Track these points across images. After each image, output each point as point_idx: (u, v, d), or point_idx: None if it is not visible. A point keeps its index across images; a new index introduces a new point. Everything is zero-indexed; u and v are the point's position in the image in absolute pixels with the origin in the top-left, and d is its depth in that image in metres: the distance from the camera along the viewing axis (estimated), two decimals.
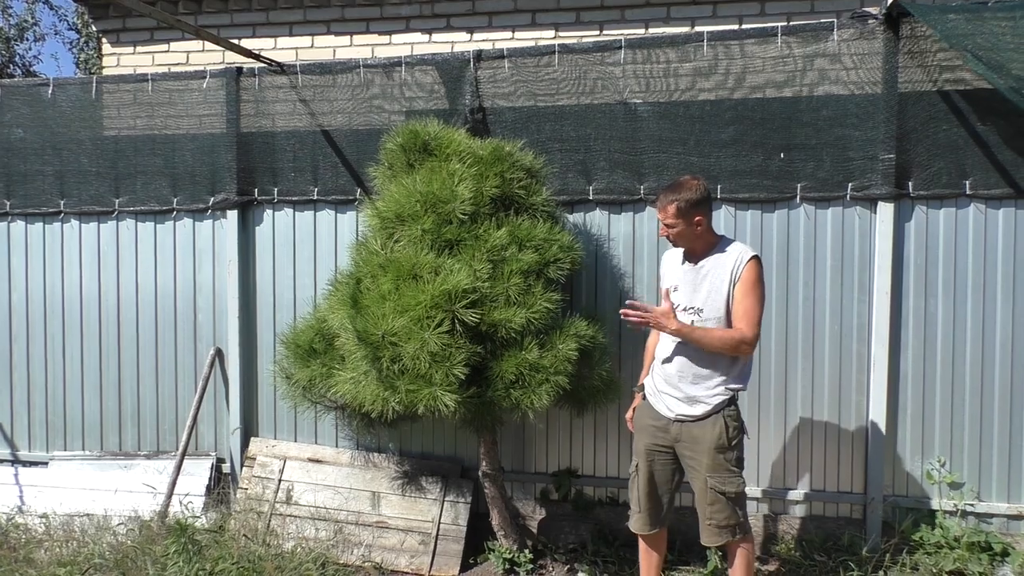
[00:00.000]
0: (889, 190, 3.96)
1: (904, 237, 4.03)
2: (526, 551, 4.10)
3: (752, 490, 4.15)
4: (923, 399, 4.04)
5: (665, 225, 3.24)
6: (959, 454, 4.02)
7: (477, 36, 5.27)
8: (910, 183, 3.98)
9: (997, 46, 3.63)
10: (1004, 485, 3.98)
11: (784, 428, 4.18)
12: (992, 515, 3.98)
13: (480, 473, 4.05)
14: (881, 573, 3.75)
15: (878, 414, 4.02)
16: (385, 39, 5.41)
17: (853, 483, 4.13)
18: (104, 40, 5.83)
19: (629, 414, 3.59)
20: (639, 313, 3.16)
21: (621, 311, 3.18)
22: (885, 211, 3.99)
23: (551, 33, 5.23)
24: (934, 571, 3.72)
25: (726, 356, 3.19)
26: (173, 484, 4.41)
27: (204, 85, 4.66)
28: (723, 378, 3.22)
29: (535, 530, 4.37)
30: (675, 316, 3.21)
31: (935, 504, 4.01)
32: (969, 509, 3.97)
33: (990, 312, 3.96)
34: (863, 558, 3.85)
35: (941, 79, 3.92)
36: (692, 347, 3.22)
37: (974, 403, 3.99)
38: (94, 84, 4.78)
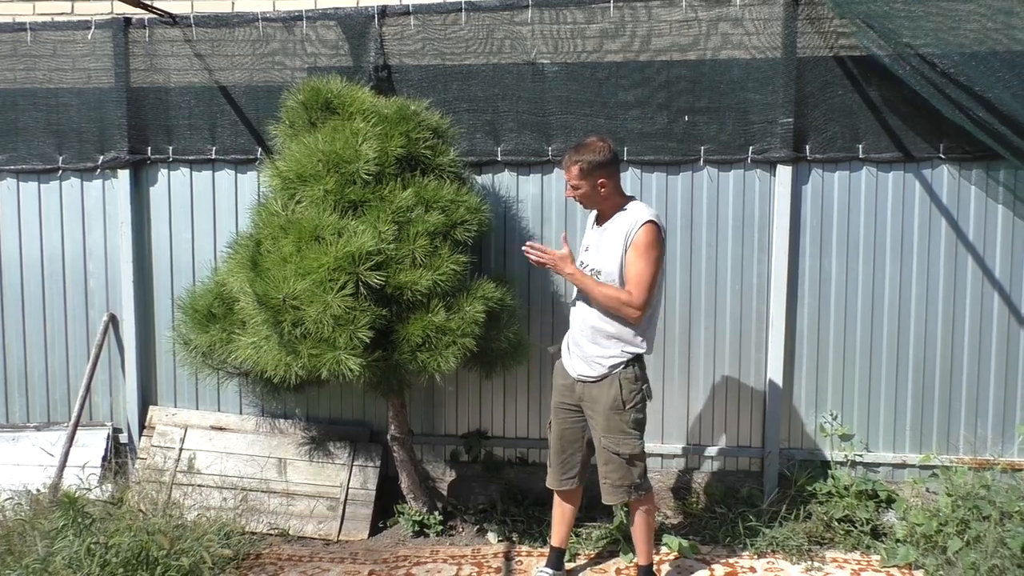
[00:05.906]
0: (788, 153, 4.06)
1: (801, 199, 4.14)
2: (436, 513, 4.11)
3: (656, 447, 4.25)
4: (817, 355, 4.20)
5: (571, 186, 3.27)
6: (850, 407, 4.21)
7: None
8: (807, 147, 4.09)
9: (890, 13, 3.74)
10: (890, 436, 4.19)
11: (688, 386, 4.28)
12: (879, 464, 4.19)
13: (389, 437, 4.02)
14: (777, 523, 3.92)
15: (776, 370, 4.16)
16: None
17: (752, 438, 4.28)
18: None
19: None
20: (538, 251, 3.25)
21: (523, 247, 3.29)
22: (784, 174, 4.09)
23: None
24: (825, 519, 3.90)
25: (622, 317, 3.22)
26: (65, 456, 4.23)
27: (89, 36, 4.38)
28: (619, 340, 3.24)
29: (445, 492, 4.38)
30: (572, 261, 3.28)
31: (827, 455, 4.19)
32: (858, 459, 4.17)
33: (879, 271, 4.13)
34: (761, 509, 4.01)
35: (837, 45, 4.01)
36: (593, 307, 3.26)
37: (864, 358, 4.18)
38: None
